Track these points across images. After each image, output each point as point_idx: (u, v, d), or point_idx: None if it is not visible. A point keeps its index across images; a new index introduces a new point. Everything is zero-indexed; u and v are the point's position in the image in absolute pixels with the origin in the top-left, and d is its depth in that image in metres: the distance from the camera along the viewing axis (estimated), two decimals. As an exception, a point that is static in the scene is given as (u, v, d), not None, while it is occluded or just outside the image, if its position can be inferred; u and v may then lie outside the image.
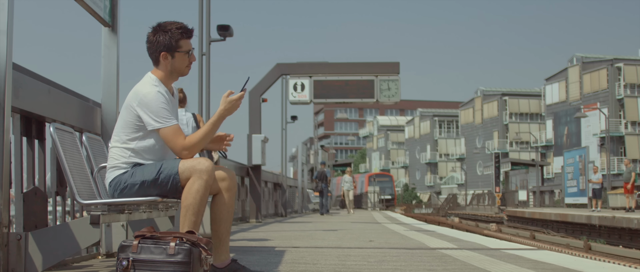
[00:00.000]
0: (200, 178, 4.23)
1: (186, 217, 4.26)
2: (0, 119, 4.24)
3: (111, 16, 6.52)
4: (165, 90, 4.44)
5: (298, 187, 31.01)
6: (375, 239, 10.21)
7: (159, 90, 4.36)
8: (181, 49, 4.43)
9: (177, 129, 4.32)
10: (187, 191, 4.25)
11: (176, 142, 4.31)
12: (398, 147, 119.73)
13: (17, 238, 4.29)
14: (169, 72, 4.48)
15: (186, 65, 4.50)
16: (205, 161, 4.24)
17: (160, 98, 4.32)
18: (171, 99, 4.49)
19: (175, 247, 3.91)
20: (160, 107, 4.31)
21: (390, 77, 19.03)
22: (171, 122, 4.32)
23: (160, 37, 4.40)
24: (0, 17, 4.26)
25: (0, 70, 4.25)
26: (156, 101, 4.31)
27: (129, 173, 4.31)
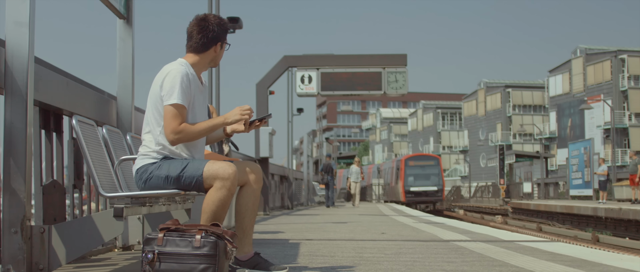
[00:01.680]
0: (224, 187, 4.20)
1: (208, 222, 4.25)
2: (23, 112, 4.22)
3: (126, 8, 6.49)
4: (194, 74, 4.41)
5: (304, 180, 31.01)
6: (387, 231, 10.20)
7: (185, 70, 4.32)
8: (226, 42, 4.54)
9: (177, 110, 4.23)
10: (209, 199, 4.23)
11: (170, 123, 4.23)
12: (401, 140, 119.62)
13: (40, 231, 4.27)
14: (208, 61, 4.49)
15: (220, 58, 4.59)
16: (229, 168, 4.20)
17: (180, 77, 4.26)
18: (198, 86, 4.45)
19: (201, 239, 3.89)
20: (176, 83, 4.24)
21: (397, 69, 18.99)
22: (175, 100, 4.23)
23: (217, 28, 4.45)
24: (21, 9, 4.24)
25: (23, 63, 4.23)
26: (174, 78, 4.26)
27: (157, 165, 4.29)
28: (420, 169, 48.62)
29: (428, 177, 48.19)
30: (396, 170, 50.68)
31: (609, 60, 62.53)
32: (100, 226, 4.24)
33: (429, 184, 47.78)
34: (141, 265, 3.91)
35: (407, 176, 48.30)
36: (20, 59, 4.22)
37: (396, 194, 49.58)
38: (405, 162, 49.44)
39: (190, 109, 4.37)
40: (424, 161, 50.23)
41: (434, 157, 51.60)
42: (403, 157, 51.15)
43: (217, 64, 4.60)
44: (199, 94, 4.45)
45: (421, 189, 47.58)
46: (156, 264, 3.89)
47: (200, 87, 4.48)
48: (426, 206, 47.08)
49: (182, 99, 4.26)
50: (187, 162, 4.27)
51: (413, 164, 49.07)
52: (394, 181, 51.51)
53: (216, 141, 4.92)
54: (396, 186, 49.90)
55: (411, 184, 47.88)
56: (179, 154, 4.36)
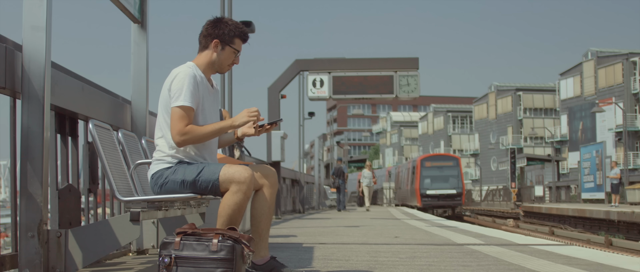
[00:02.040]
0: (240, 191, 4.19)
1: (224, 226, 4.25)
2: (40, 116, 4.23)
3: (141, 13, 6.51)
4: (202, 76, 4.40)
5: (315, 183, 31.01)
6: (400, 235, 10.18)
7: (193, 72, 4.31)
8: (233, 45, 4.43)
9: (184, 111, 4.22)
10: (225, 203, 4.22)
11: (176, 124, 4.21)
12: (411, 143, 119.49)
13: (57, 235, 4.28)
14: (211, 62, 4.44)
15: (229, 63, 4.48)
16: (245, 171, 4.19)
17: (188, 78, 4.25)
18: (207, 88, 4.44)
19: (218, 243, 3.89)
20: (183, 85, 4.23)
21: (409, 72, 18.97)
22: (182, 101, 4.22)
23: (219, 27, 4.42)
24: (38, 14, 4.26)
25: (40, 68, 4.24)
26: (182, 80, 4.25)
27: (172, 170, 4.29)
28: (438, 170, 44.13)
29: (446, 179, 43.55)
30: (411, 171, 46.38)
31: (621, 63, 62.27)
32: (117, 230, 4.24)
33: (448, 186, 43.03)
34: (158, 269, 3.91)
35: (423, 178, 43.82)
36: (37, 63, 4.24)
37: (411, 197, 45.75)
38: (421, 163, 44.97)
39: (200, 111, 4.36)
40: (442, 162, 45.35)
41: (453, 158, 46.75)
42: (419, 158, 45.97)
43: (223, 68, 4.50)
44: (208, 95, 4.45)
45: (439, 192, 42.84)
46: (173, 268, 3.88)
47: (210, 89, 4.48)
48: (444, 210, 43.04)
49: (190, 101, 4.24)
50: (203, 166, 4.27)
51: (430, 165, 44.50)
52: (408, 183, 47.44)
53: (227, 144, 4.91)
54: (411, 188, 45.66)
55: (428, 187, 43.34)
56: (193, 157, 4.36)
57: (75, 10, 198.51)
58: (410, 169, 47.43)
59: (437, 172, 43.94)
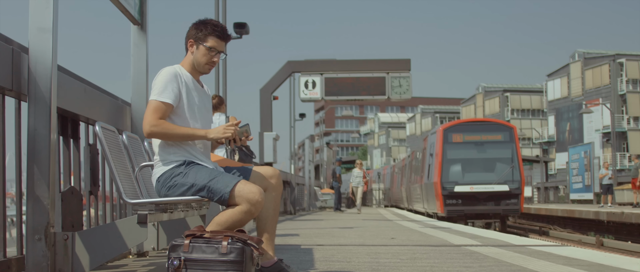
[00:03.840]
0: (249, 212, 4.16)
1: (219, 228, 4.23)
2: (46, 119, 4.21)
3: (141, 14, 6.49)
4: (188, 76, 4.39)
5: (305, 185, 30.98)
6: (396, 236, 10.19)
7: (176, 71, 4.32)
8: (205, 44, 4.39)
9: (157, 106, 4.21)
10: (229, 215, 4.17)
11: (148, 115, 4.20)
12: (399, 144, 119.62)
13: (64, 238, 4.26)
14: (191, 62, 4.44)
15: (206, 62, 4.42)
16: (259, 194, 4.16)
17: (168, 76, 4.27)
18: (195, 87, 4.43)
19: (227, 246, 3.88)
20: (161, 81, 4.25)
21: (401, 74, 19.05)
22: (157, 96, 4.22)
23: (195, 27, 4.43)
24: (45, 15, 4.24)
25: (46, 70, 4.22)
26: (162, 77, 4.27)
27: (182, 173, 4.26)
28: (477, 148, 24.88)
29: (492, 165, 24.44)
30: (429, 153, 26.51)
31: (608, 64, 62.60)
32: (124, 232, 4.22)
33: (495, 178, 23.93)
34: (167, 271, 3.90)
35: (448, 163, 24.45)
36: (43, 65, 4.22)
37: (425, 198, 27.57)
38: (445, 136, 24.79)
39: (186, 108, 4.34)
40: (485, 133, 25.12)
41: (503, 127, 25.86)
42: (441, 127, 25.42)
43: (202, 68, 4.44)
44: (197, 94, 4.43)
45: (479, 188, 23.86)
46: (182, 271, 3.87)
47: (199, 89, 4.47)
48: (487, 222, 24.08)
49: (165, 96, 4.23)
50: (216, 174, 4.23)
51: (462, 140, 24.92)
52: (420, 175, 28.92)
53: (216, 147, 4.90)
54: (426, 184, 26.67)
55: (457, 179, 24.26)
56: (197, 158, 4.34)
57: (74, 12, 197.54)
58: (424, 152, 28.13)
59: (474, 152, 24.77)
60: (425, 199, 27.23)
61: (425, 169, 27.16)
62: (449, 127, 25.17)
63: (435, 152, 24.68)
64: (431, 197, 25.42)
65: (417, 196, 30.07)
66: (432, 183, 25.05)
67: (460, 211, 23.57)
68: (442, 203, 23.75)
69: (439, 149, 24.33)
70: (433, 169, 24.74)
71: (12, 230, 6.46)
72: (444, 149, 24.26)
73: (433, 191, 24.81)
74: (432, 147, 25.56)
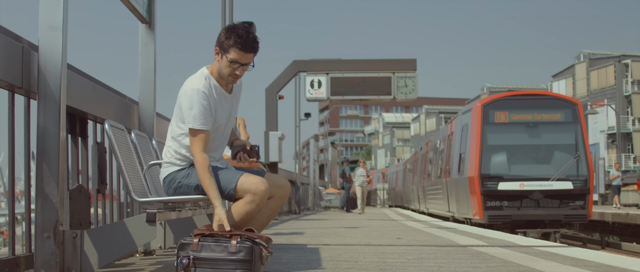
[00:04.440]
0: (254, 202, 4.19)
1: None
2: (56, 117, 4.22)
3: (149, 13, 6.49)
4: (214, 85, 4.36)
5: (310, 184, 31.01)
6: (402, 236, 10.18)
7: (201, 88, 4.25)
8: (228, 55, 4.28)
9: (203, 137, 4.22)
10: (236, 210, 4.22)
11: (194, 148, 4.20)
12: (404, 144, 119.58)
13: (72, 236, 4.27)
14: (216, 69, 4.39)
15: (229, 73, 4.32)
16: (263, 184, 4.18)
17: (197, 97, 4.22)
18: (221, 95, 4.39)
19: (237, 245, 3.89)
20: (193, 104, 4.22)
21: (407, 74, 19.04)
22: (194, 124, 4.21)
23: (223, 35, 4.31)
24: (55, 13, 4.24)
25: (56, 68, 4.23)
26: (190, 99, 4.23)
27: (185, 173, 4.29)
28: (528, 131, 18.63)
29: (548, 154, 18.45)
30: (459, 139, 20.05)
31: (613, 65, 62.51)
32: (133, 231, 4.23)
33: (552, 172, 17.79)
34: (176, 270, 3.90)
35: (489, 152, 18.34)
36: (53, 63, 4.22)
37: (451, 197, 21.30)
38: (484, 115, 18.50)
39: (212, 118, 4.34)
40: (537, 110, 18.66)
41: (562, 102, 19.18)
42: (480, 103, 18.92)
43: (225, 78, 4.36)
44: (221, 102, 4.41)
45: (533, 186, 17.70)
46: (191, 270, 3.88)
47: (224, 95, 4.43)
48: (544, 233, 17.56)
49: (201, 123, 4.22)
50: (218, 170, 4.25)
51: (506, 119, 18.60)
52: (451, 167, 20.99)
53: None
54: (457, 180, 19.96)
55: (502, 173, 18.09)
56: None
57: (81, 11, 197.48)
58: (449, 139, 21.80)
59: (524, 136, 18.53)
60: (453, 200, 20.21)
61: (451, 161, 20.35)
62: (491, 102, 18.09)
63: (470, 138, 17.95)
64: (463, 198, 18.50)
65: (437, 195, 23.75)
66: (464, 179, 18.07)
67: (506, 217, 16.83)
68: (481, 205, 17.00)
69: (476, 133, 17.56)
70: (467, 160, 17.82)
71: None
72: (483, 132, 17.65)
73: (466, 189, 17.98)
74: (465, 131, 18.79)
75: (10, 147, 4.35)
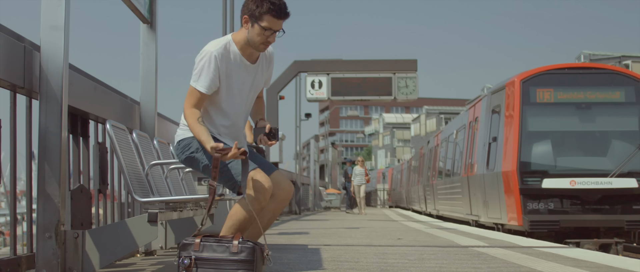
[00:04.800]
0: (257, 199, 4.17)
1: (230, 231, 4.23)
2: (58, 117, 4.22)
3: (150, 13, 6.50)
4: (234, 52, 4.31)
5: (310, 185, 31.02)
6: (403, 237, 10.18)
7: (214, 52, 4.23)
8: (261, 23, 4.25)
9: (192, 91, 4.23)
10: (239, 208, 4.21)
11: (186, 100, 4.24)
12: (404, 145, 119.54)
13: (74, 236, 4.27)
14: (245, 39, 4.34)
15: (261, 41, 4.30)
16: (267, 183, 4.17)
17: (208, 61, 4.22)
18: (241, 64, 4.35)
19: (238, 245, 3.88)
20: (202, 67, 4.23)
21: (407, 74, 19.05)
22: (195, 84, 4.22)
23: (252, 2, 4.28)
24: (57, 13, 4.24)
25: (58, 68, 4.23)
26: (201, 61, 4.24)
27: (201, 149, 4.23)
28: (579, 114, 14.12)
29: (604, 143, 13.80)
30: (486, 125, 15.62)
31: (613, 65, 62.46)
32: (135, 231, 4.23)
33: (611, 166, 13.28)
34: (177, 270, 3.90)
35: (531, 140, 13.74)
36: (55, 63, 4.23)
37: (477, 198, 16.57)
38: (525, 92, 13.98)
39: (224, 88, 4.30)
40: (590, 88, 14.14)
41: (621, 77, 14.22)
42: (518, 78, 14.13)
43: (257, 46, 4.32)
44: (240, 72, 4.36)
45: (587, 184, 13.14)
46: (193, 270, 3.88)
47: (245, 65, 4.37)
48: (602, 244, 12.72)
49: (201, 85, 4.22)
50: (231, 160, 4.19)
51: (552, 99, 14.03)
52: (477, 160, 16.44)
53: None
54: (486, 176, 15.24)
55: (547, 167, 13.54)
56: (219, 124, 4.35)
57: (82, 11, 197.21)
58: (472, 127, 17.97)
59: (575, 120, 14.26)
60: (477, 201, 16.24)
61: (475, 154, 16.46)
62: (532, 77, 14.05)
63: (503, 122, 14.18)
64: (493, 198, 14.57)
65: (453, 195, 19.87)
66: (496, 174, 14.21)
67: (552, 224, 12.95)
68: (521, 208, 13.10)
69: (513, 116, 13.70)
70: (499, 151, 14.05)
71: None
72: (523, 114, 13.67)
73: (498, 188, 14.11)
74: (496, 114, 14.86)
75: (11, 146, 4.35)
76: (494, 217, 14.64)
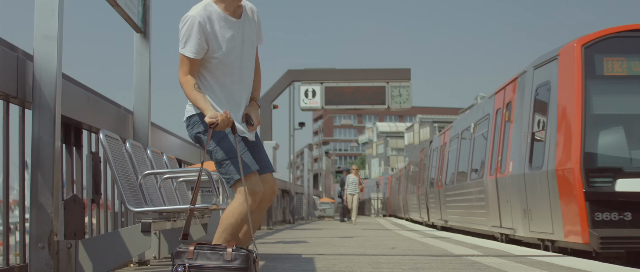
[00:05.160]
0: (249, 201, 4.18)
1: (223, 235, 4.21)
2: (51, 126, 4.21)
3: (143, 22, 6.50)
4: (216, 11, 4.29)
5: (304, 194, 30.98)
6: (396, 246, 10.17)
7: (196, 15, 4.22)
8: None
9: (182, 59, 4.22)
10: (231, 210, 4.19)
11: (180, 68, 4.24)
12: (397, 154, 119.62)
13: (67, 246, 4.25)
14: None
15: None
16: (259, 186, 4.17)
17: (191, 25, 4.21)
18: (226, 21, 4.31)
19: (232, 253, 3.88)
20: (188, 33, 4.21)
21: (401, 83, 19.06)
22: (183, 50, 4.21)
23: None
24: (50, 23, 4.24)
25: (51, 77, 4.22)
26: (185, 27, 4.22)
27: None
28: None
29: None
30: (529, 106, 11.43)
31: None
32: (128, 241, 4.22)
33: None
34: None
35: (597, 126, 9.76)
36: (48, 73, 4.22)
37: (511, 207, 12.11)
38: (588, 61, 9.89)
39: (216, 47, 4.27)
40: None
41: None
42: (577, 43, 9.94)
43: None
44: (227, 29, 4.32)
45: None
46: None
47: (231, 22, 4.34)
48: None
49: (190, 51, 4.21)
50: (233, 155, 4.16)
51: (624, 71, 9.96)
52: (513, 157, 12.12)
53: None
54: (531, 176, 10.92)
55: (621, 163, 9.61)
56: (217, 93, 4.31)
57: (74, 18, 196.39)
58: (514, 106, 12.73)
59: None
60: (515, 210, 12.06)
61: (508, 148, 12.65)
62: (596, 41, 10.32)
63: (556, 104, 10.50)
64: (540, 205, 10.82)
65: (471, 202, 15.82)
66: (547, 173, 10.44)
67: (634, 242, 9.27)
68: (586, 219, 9.49)
69: (572, 93, 10.16)
70: (552, 142, 10.41)
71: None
72: (587, 91, 10.08)
73: (550, 192, 10.37)
74: (542, 95, 11.23)
75: (4, 156, 4.34)
76: (540, 232, 10.83)
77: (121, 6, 5.72)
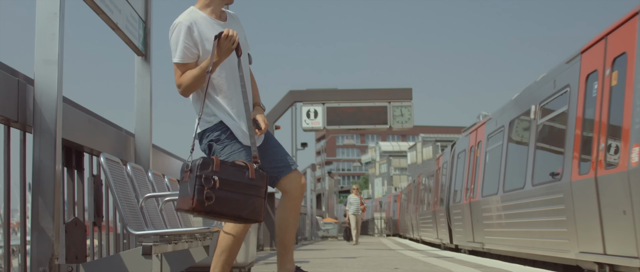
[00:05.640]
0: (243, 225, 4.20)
1: (221, 258, 4.21)
2: (52, 150, 4.22)
3: (144, 45, 6.52)
4: (202, 16, 4.30)
5: (307, 214, 30.95)
6: (400, 266, 10.14)
7: (183, 21, 4.23)
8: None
9: (178, 67, 4.23)
10: (226, 235, 4.20)
11: (175, 79, 4.25)
12: (400, 173, 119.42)
13: (68, 270, 4.25)
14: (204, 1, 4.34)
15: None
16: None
17: (181, 34, 4.21)
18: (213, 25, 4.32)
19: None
20: (174, 39, 4.23)
21: (403, 103, 19.06)
22: (174, 58, 4.22)
23: None
24: (51, 47, 4.26)
25: (52, 101, 4.24)
26: (173, 35, 4.24)
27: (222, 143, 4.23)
28: None
29: None
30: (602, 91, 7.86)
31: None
32: (129, 264, 4.21)
33: None
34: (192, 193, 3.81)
35: None
36: (49, 97, 4.24)
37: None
38: None
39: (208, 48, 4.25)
40: None
41: None
42: None
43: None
44: (212, 30, 4.30)
45: None
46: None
47: (218, 25, 4.34)
48: None
49: (179, 57, 4.21)
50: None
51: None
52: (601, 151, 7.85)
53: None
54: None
55: None
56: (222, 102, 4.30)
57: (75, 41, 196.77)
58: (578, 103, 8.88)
59: None
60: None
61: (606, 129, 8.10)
62: None
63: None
64: None
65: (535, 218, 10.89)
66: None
67: None
68: None
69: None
70: None
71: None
72: None
73: None
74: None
75: (5, 180, 4.35)
76: None
77: (122, 29, 5.75)
